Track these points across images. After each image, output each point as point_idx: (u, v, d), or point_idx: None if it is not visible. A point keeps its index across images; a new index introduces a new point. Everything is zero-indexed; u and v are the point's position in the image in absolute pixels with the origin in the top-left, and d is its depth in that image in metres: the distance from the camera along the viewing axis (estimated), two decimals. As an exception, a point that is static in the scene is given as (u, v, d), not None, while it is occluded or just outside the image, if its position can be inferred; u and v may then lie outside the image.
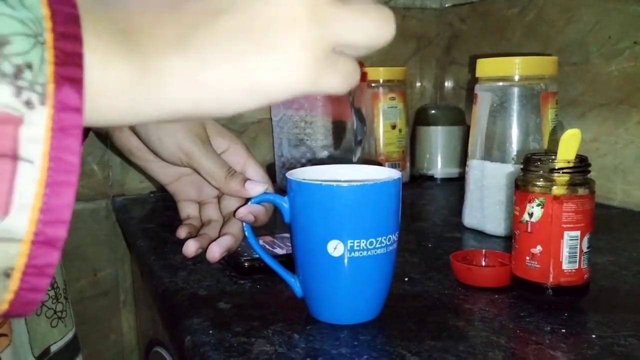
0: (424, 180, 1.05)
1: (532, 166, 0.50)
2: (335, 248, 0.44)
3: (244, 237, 0.49)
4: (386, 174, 0.50)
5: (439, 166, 1.05)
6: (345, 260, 0.44)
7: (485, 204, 0.70)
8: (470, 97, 1.09)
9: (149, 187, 0.99)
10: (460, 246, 0.68)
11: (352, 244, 0.44)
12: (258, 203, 0.48)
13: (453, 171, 1.05)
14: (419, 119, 1.09)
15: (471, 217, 0.73)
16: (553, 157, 0.50)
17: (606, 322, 0.46)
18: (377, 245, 0.45)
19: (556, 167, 0.48)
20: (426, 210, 0.85)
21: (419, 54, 1.18)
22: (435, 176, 1.05)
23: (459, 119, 1.07)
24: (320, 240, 0.44)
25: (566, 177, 0.48)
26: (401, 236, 0.48)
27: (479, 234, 0.71)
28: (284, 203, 0.47)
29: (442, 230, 0.74)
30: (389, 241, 0.45)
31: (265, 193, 0.48)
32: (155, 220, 0.81)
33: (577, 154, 0.50)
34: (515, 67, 0.68)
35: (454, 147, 1.05)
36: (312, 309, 0.48)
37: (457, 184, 1.00)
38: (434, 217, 0.81)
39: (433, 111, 1.07)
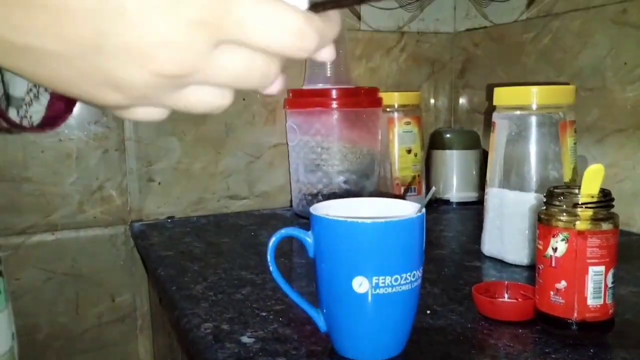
0: (440, 205, 1.05)
1: (556, 200, 0.50)
2: (361, 285, 0.44)
3: None
4: (409, 208, 0.50)
5: (455, 190, 1.05)
6: (370, 297, 0.44)
7: (505, 233, 0.70)
8: (486, 121, 1.09)
9: (167, 212, 0.99)
10: (480, 276, 0.68)
11: (377, 281, 0.44)
12: (282, 239, 0.48)
13: (469, 195, 1.05)
14: (433, 143, 1.09)
15: (491, 246, 0.73)
16: (576, 190, 0.50)
17: (633, 358, 0.46)
18: (402, 282, 0.45)
19: (580, 202, 0.48)
20: (444, 237, 0.85)
21: (433, 77, 1.19)
22: (451, 200, 1.05)
23: (475, 142, 1.07)
24: (346, 277, 0.45)
25: (590, 212, 0.48)
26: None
27: (499, 262, 0.71)
28: (308, 238, 0.48)
29: (461, 259, 0.73)
30: (413, 277, 0.46)
31: (288, 228, 0.48)
32: (174, 248, 0.81)
33: (600, 188, 0.50)
34: (533, 95, 0.69)
35: (469, 171, 1.06)
36: (337, 344, 0.48)
37: (473, 209, 1.00)
38: (453, 244, 0.81)
39: (448, 135, 1.07)
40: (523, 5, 1.01)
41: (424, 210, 0.47)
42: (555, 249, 0.49)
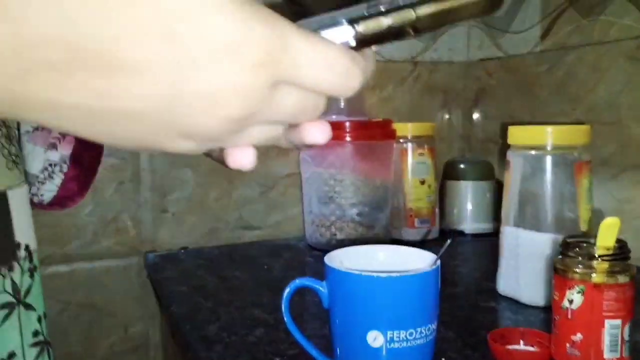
0: (454, 236, 1.04)
1: (571, 251, 0.49)
2: (375, 339, 0.44)
3: None
4: (423, 259, 0.50)
5: (469, 221, 1.05)
6: (385, 351, 0.44)
7: (521, 273, 0.70)
8: (500, 151, 1.09)
9: (180, 243, 1.00)
10: (495, 318, 0.67)
11: (391, 335, 0.44)
12: (296, 289, 0.48)
13: (484, 226, 1.04)
14: (447, 173, 1.09)
15: (506, 285, 0.72)
16: (592, 241, 0.50)
17: (652, 414, 0.45)
18: (417, 336, 0.45)
19: (596, 255, 0.48)
20: (459, 273, 0.84)
21: (447, 107, 1.19)
22: (465, 231, 1.05)
23: (489, 173, 1.06)
24: (360, 330, 0.45)
25: (606, 265, 0.48)
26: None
27: (515, 303, 0.70)
28: (322, 288, 0.48)
29: (476, 298, 0.73)
30: (428, 331, 0.45)
31: (302, 278, 0.48)
32: (188, 283, 0.81)
33: (616, 239, 0.49)
34: (548, 135, 0.68)
35: (484, 202, 1.05)
36: (350, 395, 0.48)
37: (488, 241, 0.99)
38: (467, 281, 0.81)
39: (462, 165, 1.07)
40: (537, 38, 1.01)
41: (438, 262, 0.47)
42: (571, 301, 0.48)
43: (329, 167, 0.94)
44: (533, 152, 0.70)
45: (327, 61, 0.24)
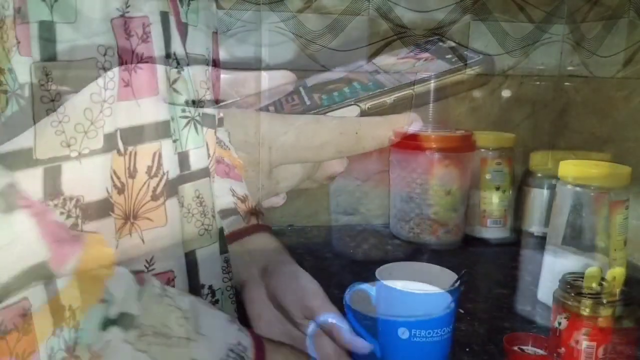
0: (526, 237, 1.17)
1: (579, 294, 0.60)
2: (404, 333, 0.63)
3: None
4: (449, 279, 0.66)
5: (537, 224, 1.17)
6: (409, 343, 0.63)
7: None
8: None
9: (287, 221, 1.22)
10: (526, 323, 0.81)
11: (415, 332, 0.62)
12: (355, 290, 0.67)
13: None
14: (524, 180, 1.20)
15: (544, 295, 0.86)
16: (602, 283, 0.61)
17: None
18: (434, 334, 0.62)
19: (604, 302, 0.59)
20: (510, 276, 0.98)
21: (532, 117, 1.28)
22: (535, 233, 1.17)
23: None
24: (394, 325, 0.63)
25: (611, 310, 0.59)
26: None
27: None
28: (372, 292, 0.67)
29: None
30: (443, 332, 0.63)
31: (361, 284, 0.67)
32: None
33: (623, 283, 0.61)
34: (591, 175, 0.80)
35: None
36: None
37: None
38: (513, 284, 0.94)
39: (539, 174, 1.18)
40: (620, 63, 1.08)
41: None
42: (577, 342, 0.60)
43: (412, 172, 1.10)
44: (578, 188, 0.81)
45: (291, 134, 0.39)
